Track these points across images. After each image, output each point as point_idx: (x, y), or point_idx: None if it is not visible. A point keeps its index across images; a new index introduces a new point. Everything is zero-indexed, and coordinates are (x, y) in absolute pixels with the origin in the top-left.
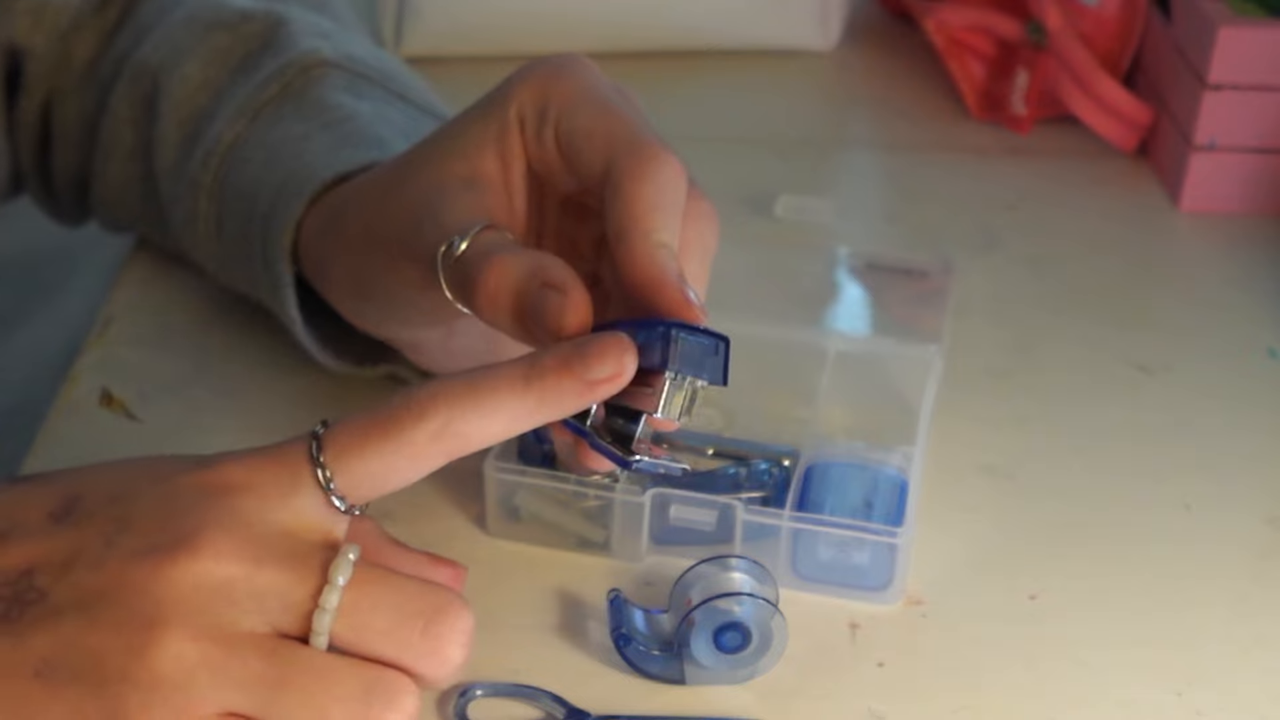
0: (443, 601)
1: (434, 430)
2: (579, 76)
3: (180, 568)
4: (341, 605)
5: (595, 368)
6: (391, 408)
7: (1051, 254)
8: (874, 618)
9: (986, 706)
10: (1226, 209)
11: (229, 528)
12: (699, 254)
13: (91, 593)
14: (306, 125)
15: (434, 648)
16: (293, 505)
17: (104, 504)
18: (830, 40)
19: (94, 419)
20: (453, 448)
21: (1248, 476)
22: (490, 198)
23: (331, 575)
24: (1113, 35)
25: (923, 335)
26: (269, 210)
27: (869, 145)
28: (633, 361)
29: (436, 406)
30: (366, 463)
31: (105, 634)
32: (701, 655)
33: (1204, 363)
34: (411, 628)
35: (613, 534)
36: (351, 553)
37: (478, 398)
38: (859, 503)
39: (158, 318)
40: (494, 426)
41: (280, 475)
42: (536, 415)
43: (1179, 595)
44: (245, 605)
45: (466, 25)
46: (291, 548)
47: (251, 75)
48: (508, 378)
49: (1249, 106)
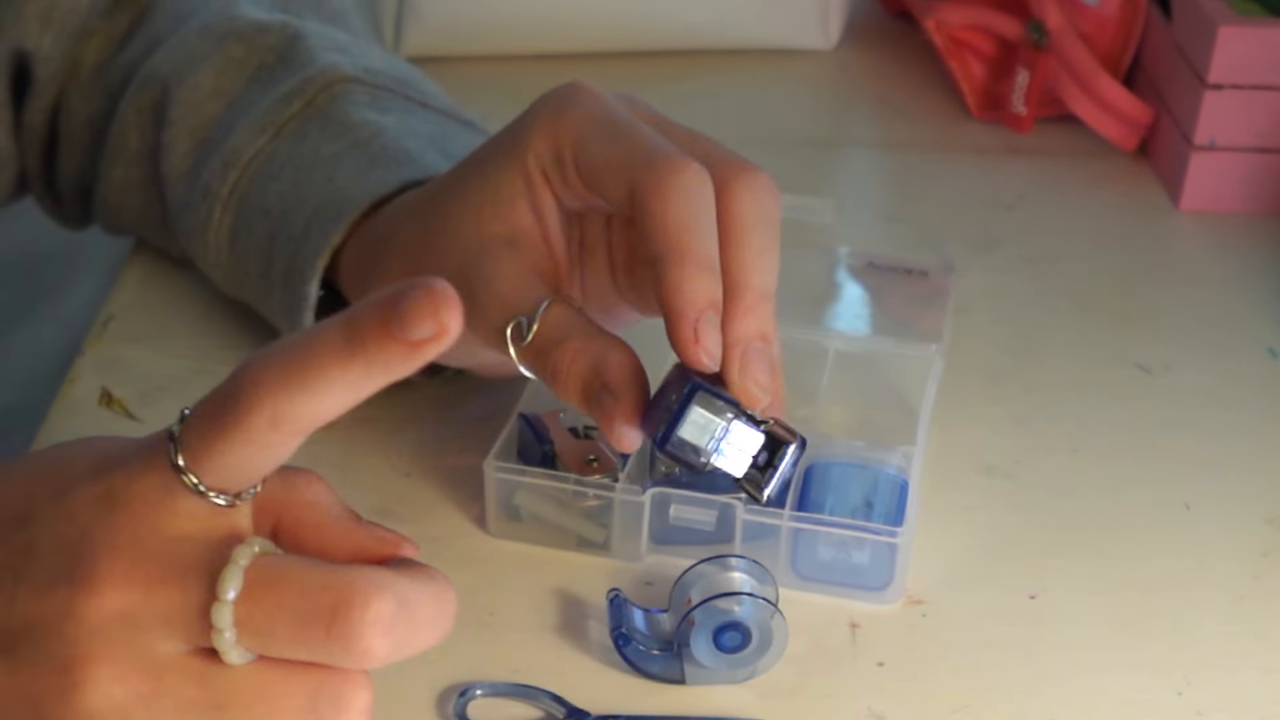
0: (347, 593)
1: (268, 420)
2: (583, 108)
3: (84, 604)
4: (238, 619)
5: (414, 328)
6: (222, 397)
7: (1051, 254)
8: (874, 618)
9: (986, 706)
10: (1226, 208)
11: (123, 550)
12: (759, 225)
13: (11, 632)
14: (334, 145)
15: (346, 645)
16: (179, 509)
17: (10, 528)
18: (830, 40)
19: (94, 418)
20: (296, 429)
21: (1248, 476)
22: (533, 254)
23: (220, 590)
24: (1113, 35)
25: (923, 335)
26: (301, 233)
27: (869, 145)
28: (453, 314)
29: (260, 396)
30: (220, 459)
31: (29, 676)
32: (701, 655)
33: (1204, 363)
34: (315, 628)
35: (613, 534)
36: (243, 557)
37: (304, 378)
38: (859, 503)
39: (158, 318)
40: (329, 403)
41: (157, 482)
42: (368, 383)
43: (1179, 595)
44: (153, 631)
45: (466, 25)
46: (185, 559)
47: (269, 88)
48: (329, 348)
49: (1249, 106)
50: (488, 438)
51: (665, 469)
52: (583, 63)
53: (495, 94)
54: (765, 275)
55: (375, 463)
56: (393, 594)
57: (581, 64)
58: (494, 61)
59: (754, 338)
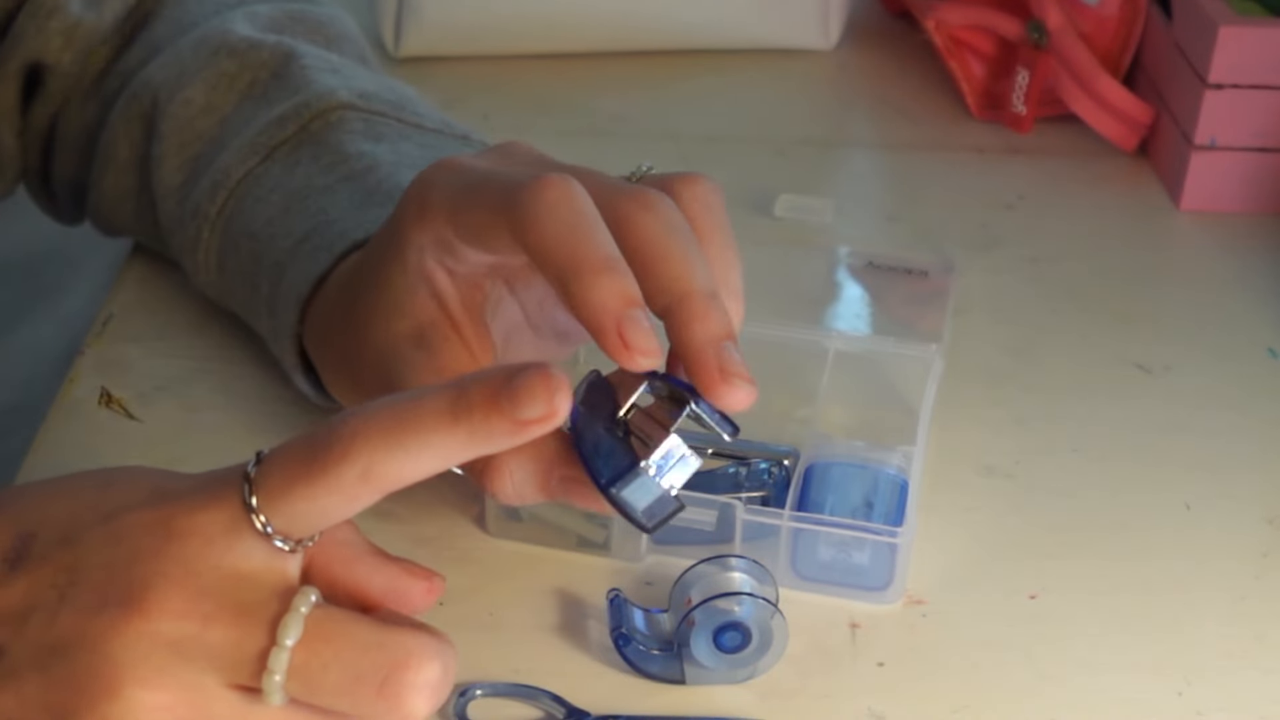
0: (402, 655)
1: (359, 472)
2: (445, 184)
3: (134, 627)
4: (292, 666)
5: (525, 408)
6: (314, 444)
7: (1051, 253)
8: (874, 618)
9: (986, 706)
10: (1226, 208)
11: (178, 580)
12: (675, 231)
13: (49, 649)
14: (328, 177)
15: (392, 705)
16: (238, 549)
17: (55, 547)
18: (830, 40)
19: (94, 418)
20: (383, 486)
21: (1248, 476)
22: (443, 347)
23: (280, 636)
24: (1113, 34)
25: (923, 335)
26: (286, 259)
27: (869, 145)
28: (564, 401)
29: (359, 449)
30: (298, 505)
31: (66, 693)
32: (701, 655)
33: (1204, 363)
34: (367, 685)
35: (613, 534)
36: (304, 605)
37: (402, 437)
38: (859, 503)
39: (158, 318)
40: (422, 465)
41: (220, 519)
42: (466, 451)
43: (1179, 595)
44: (200, 663)
45: (466, 25)
46: (241, 598)
47: (262, 107)
48: (433, 413)
49: (1249, 106)
50: None
51: None
52: (583, 63)
53: (495, 94)
54: (703, 278)
55: None
56: (440, 659)
57: (581, 64)
58: (494, 61)
59: (709, 343)
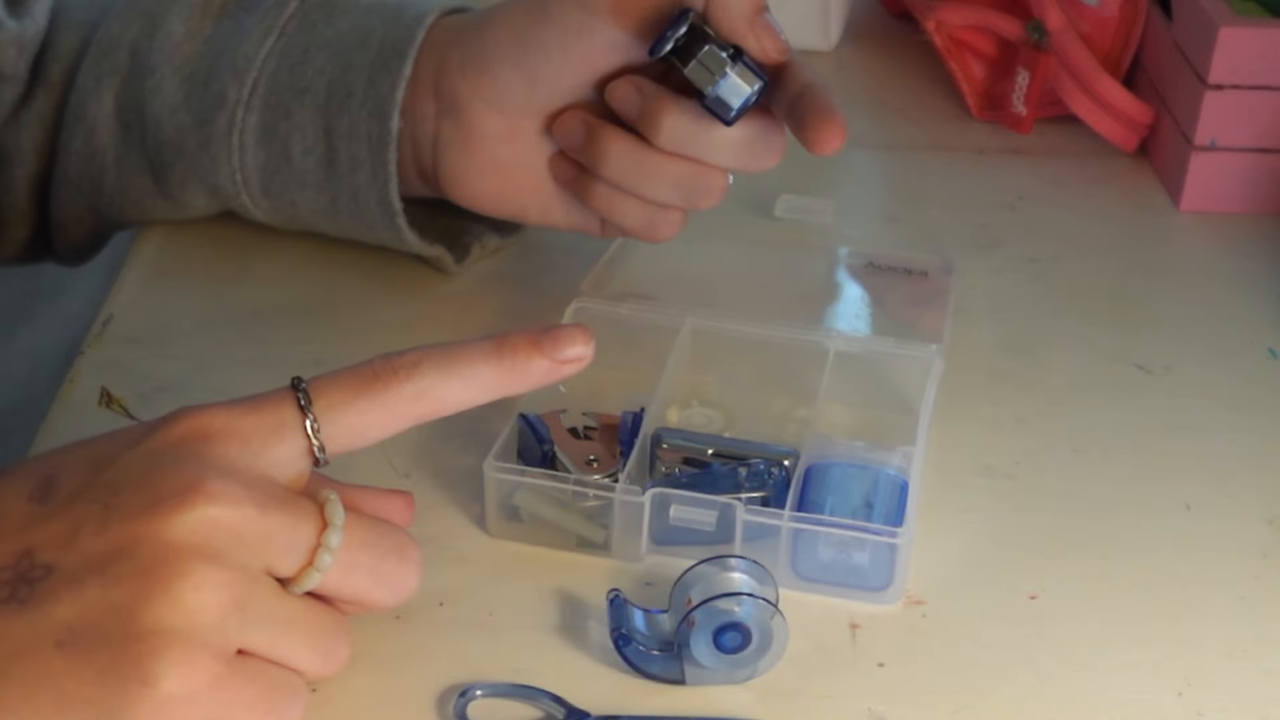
0: (402, 538)
1: (416, 391)
2: None
3: (196, 512)
4: (339, 545)
5: (564, 348)
6: (374, 366)
7: (1051, 254)
8: (874, 618)
9: (987, 707)
10: (1226, 209)
11: (226, 473)
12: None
13: (105, 554)
14: (350, 18)
15: (403, 577)
16: (273, 453)
17: (86, 475)
18: (830, 41)
19: (94, 419)
20: (427, 409)
21: (1248, 476)
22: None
23: (331, 517)
24: (1113, 35)
25: (923, 335)
26: (376, 57)
27: (869, 145)
28: (590, 348)
29: (422, 370)
30: (351, 416)
31: (131, 585)
32: (701, 655)
33: (1204, 363)
34: (388, 561)
35: (613, 534)
36: (336, 497)
37: (458, 365)
38: (859, 503)
39: (157, 318)
40: (467, 393)
41: (264, 423)
42: (505, 386)
43: (1179, 595)
44: (255, 547)
45: None
46: (283, 492)
47: (243, 15)
48: (482, 350)
49: (1249, 106)
50: (488, 438)
51: (665, 469)
52: None
53: None
54: None
55: (375, 463)
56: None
57: None
58: None
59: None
